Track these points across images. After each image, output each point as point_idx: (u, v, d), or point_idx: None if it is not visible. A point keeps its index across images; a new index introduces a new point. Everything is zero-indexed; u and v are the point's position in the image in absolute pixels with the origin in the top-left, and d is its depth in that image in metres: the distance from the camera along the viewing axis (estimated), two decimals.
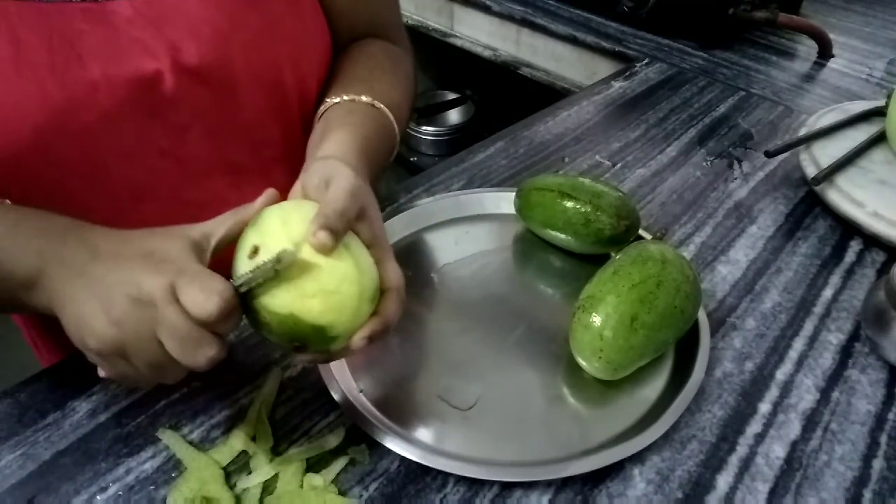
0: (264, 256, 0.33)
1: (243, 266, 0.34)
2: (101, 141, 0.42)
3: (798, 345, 0.50)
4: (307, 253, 0.33)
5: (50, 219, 0.37)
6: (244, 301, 0.34)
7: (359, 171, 0.39)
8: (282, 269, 0.32)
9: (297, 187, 0.39)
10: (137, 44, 0.40)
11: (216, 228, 0.36)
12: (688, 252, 0.59)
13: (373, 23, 0.57)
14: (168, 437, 0.41)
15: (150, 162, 0.45)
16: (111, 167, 0.44)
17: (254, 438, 0.41)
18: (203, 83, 0.44)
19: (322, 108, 0.49)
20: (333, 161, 0.39)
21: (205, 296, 0.31)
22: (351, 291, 0.34)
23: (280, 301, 0.33)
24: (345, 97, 0.49)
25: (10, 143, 0.39)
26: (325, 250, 0.33)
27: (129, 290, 0.32)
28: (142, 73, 0.41)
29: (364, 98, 0.49)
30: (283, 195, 0.53)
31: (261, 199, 0.37)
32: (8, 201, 0.39)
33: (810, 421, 0.44)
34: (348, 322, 0.34)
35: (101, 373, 0.36)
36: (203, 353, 0.32)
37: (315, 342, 0.34)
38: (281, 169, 0.53)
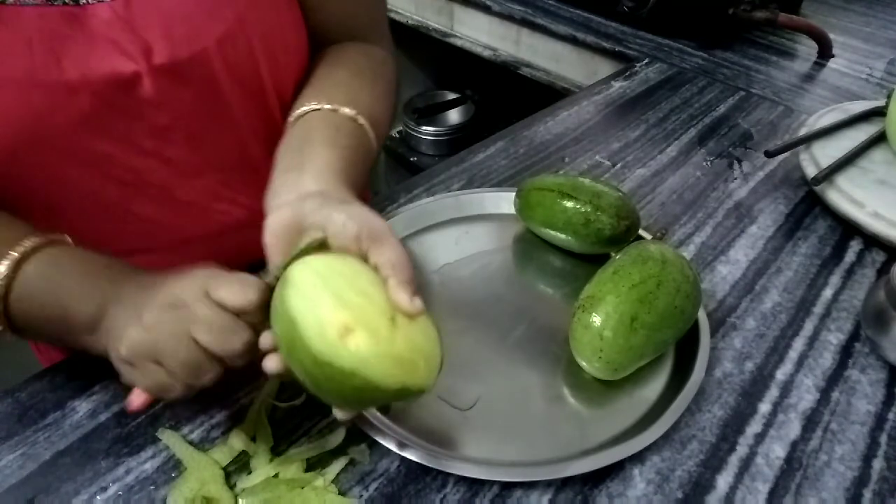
0: (362, 335, 0.32)
1: (333, 351, 0.31)
2: (82, 142, 0.42)
3: (798, 345, 0.50)
4: (401, 321, 0.34)
5: (111, 264, 0.40)
6: (324, 387, 0.33)
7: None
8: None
9: (284, 214, 0.38)
10: (114, 46, 0.40)
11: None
12: (688, 252, 0.59)
13: (349, 20, 0.54)
14: (168, 437, 0.41)
15: (136, 162, 0.45)
16: (97, 168, 0.44)
17: (254, 438, 0.41)
18: (183, 83, 0.43)
19: (299, 110, 0.47)
20: (357, 205, 0.38)
21: (242, 287, 0.34)
22: (438, 349, 0.36)
23: (392, 380, 0.33)
24: (326, 106, 0.46)
25: None
26: (421, 314, 0.35)
27: (161, 299, 0.35)
28: (119, 75, 0.41)
29: (347, 111, 0.46)
30: None
31: None
32: (68, 238, 0.41)
33: (810, 421, 0.44)
34: (437, 376, 0.36)
35: (135, 401, 0.36)
36: (239, 338, 0.34)
37: (401, 400, 0.36)
38: (268, 166, 0.52)
